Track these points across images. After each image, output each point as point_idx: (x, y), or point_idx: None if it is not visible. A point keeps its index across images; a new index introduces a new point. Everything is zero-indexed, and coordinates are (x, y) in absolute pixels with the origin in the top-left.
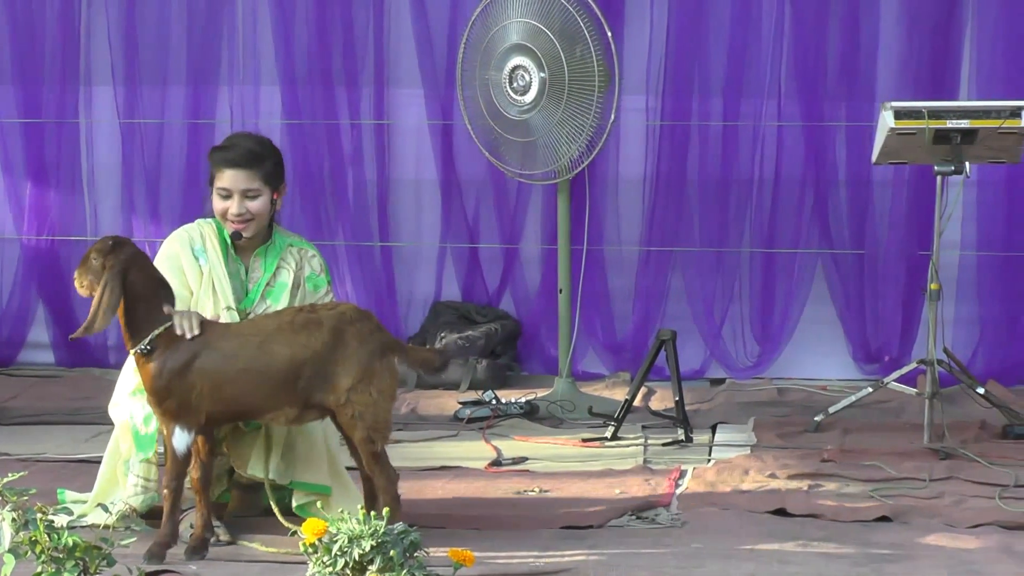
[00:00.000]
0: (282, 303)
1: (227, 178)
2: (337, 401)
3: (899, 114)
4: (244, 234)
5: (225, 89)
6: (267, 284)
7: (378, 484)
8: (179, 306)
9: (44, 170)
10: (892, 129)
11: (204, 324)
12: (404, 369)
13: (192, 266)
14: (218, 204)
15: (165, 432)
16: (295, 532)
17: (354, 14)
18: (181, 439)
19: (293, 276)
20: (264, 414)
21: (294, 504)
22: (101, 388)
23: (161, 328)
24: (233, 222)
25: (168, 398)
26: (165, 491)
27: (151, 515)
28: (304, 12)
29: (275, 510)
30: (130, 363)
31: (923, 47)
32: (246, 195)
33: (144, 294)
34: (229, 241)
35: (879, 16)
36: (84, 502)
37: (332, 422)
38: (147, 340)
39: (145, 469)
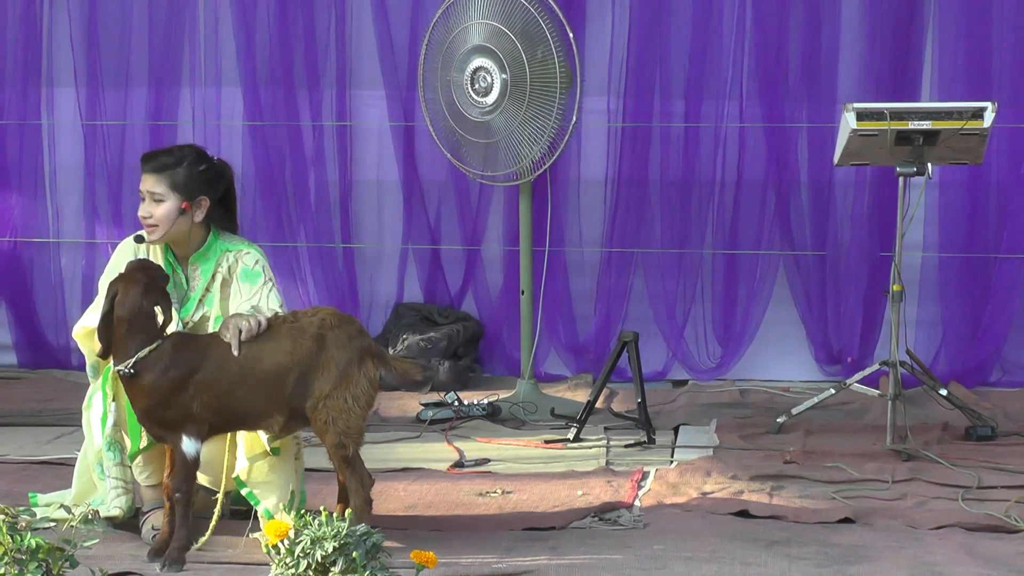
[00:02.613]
0: (215, 308)
1: (143, 181)
2: (313, 407)
3: (861, 115)
4: (147, 237)
5: (187, 90)
6: (204, 290)
7: (350, 487)
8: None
9: (6, 171)
10: (854, 130)
11: (200, 336)
12: (388, 376)
13: None
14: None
15: (169, 443)
16: (252, 534)
17: (315, 16)
18: (191, 445)
19: (223, 277)
20: (255, 422)
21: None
22: (63, 390)
23: (145, 351)
24: (144, 224)
25: (168, 413)
26: (176, 495)
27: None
28: (266, 14)
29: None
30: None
31: (885, 48)
32: (153, 198)
33: (127, 317)
34: (170, 251)
35: (840, 17)
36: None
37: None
38: (128, 363)
39: (121, 472)
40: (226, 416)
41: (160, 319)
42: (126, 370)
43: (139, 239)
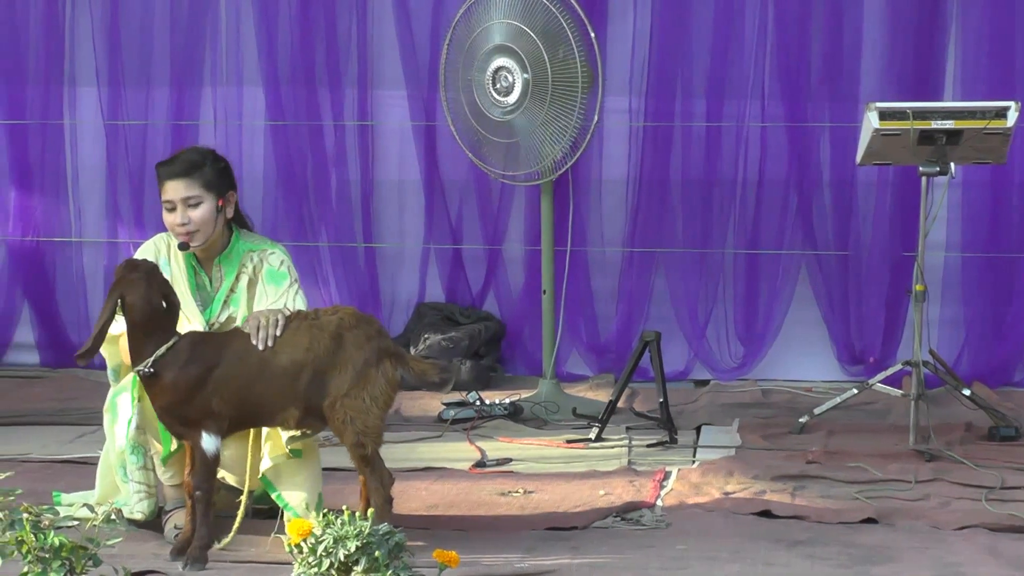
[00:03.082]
0: (242, 308)
1: (169, 190)
2: (330, 406)
3: (884, 115)
4: (191, 244)
5: (209, 90)
6: (230, 291)
7: (370, 486)
8: None
9: (28, 171)
10: (877, 130)
11: (215, 333)
12: (406, 376)
13: None
14: (166, 217)
15: (189, 440)
16: (278, 533)
17: (337, 15)
18: (210, 442)
19: (249, 278)
20: (271, 417)
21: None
22: (85, 389)
23: (163, 349)
24: (179, 233)
25: (188, 410)
26: (197, 493)
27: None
28: (287, 13)
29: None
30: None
31: (907, 47)
32: (188, 204)
33: (141, 318)
34: (192, 254)
35: (863, 16)
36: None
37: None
38: (147, 363)
39: (143, 476)
40: (244, 411)
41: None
42: (146, 369)
43: (183, 247)
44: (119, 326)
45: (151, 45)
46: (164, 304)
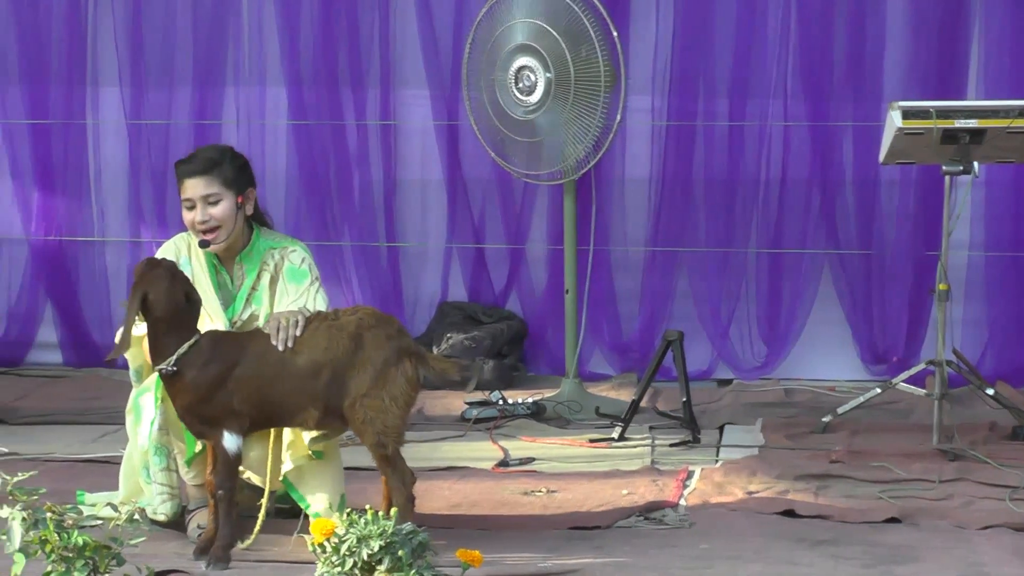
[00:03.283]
0: (264, 306)
1: (188, 188)
2: (350, 405)
3: (907, 114)
4: (213, 242)
5: (231, 90)
6: (251, 289)
7: (392, 486)
8: None
9: (51, 171)
10: (900, 129)
11: (235, 332)
12: (427, 375)
13: None
14: (186, 216)
15: (211, 440)
16: (301, 532)
17: (359, 15)
18: (232, 441)
19: (271, 275)
20: (291, 416)
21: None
22: (108, 388)
23: (185, 347)
24: (200, 231)
25: (209, 409)
26: (219, 492)
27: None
28: (309, 13)
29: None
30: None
31: (930, 46)
32: (208, 201)
33: (164, 316)
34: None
35: (886, 15)
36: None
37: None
38: (170, 361)
39: (167, 477)
40: (264, 411)
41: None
42: (168, 368)
43: (204, 244)
44: (141, 327)
45: (173, 45)
46: (186, 301)
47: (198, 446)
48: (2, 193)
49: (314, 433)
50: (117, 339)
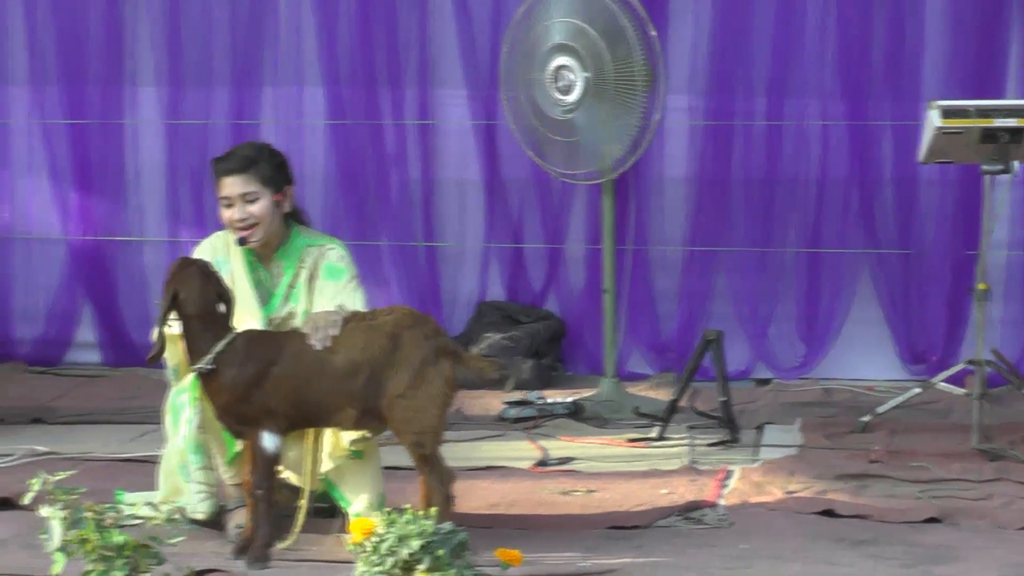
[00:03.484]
0: (302, 304)
1: (226, 186)
2: (388, 405)
3: (946, 113)
4: (250, 239)
5: (269, 90)
6: (289, 286)
7: (430, 485)
8: None
9: (89, 171)
10: (939, 128)
11: (271, 331)
12: (464, 374)
13: None
14: (224, 214)
15: (249, 439)
16: (339, 532)
17: (397, 14)
18: (271, 441)
19: (309, 273)
20: (329, 416)
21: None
22: (147, 387)
23: (221, 345)
24: (238, 229)
25: (247, 408)
26: (258, 491)
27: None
28: (347, 12)
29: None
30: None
31: (969, 45)
32: (245, 199)
33: (197, 314)
34: (251, 250)
35: (924, 14)
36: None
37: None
38: (207, 359)
39: (205, 476)
40: (302, 411)
41: (223, 308)
42: (206, 366)
43: (242, 242)
44: (177, 327)
45: (211, 45)
46: (218, 300)
47: (238, 445)
48: (40, 193)
49: (354, 434)
50: (153, 337)
